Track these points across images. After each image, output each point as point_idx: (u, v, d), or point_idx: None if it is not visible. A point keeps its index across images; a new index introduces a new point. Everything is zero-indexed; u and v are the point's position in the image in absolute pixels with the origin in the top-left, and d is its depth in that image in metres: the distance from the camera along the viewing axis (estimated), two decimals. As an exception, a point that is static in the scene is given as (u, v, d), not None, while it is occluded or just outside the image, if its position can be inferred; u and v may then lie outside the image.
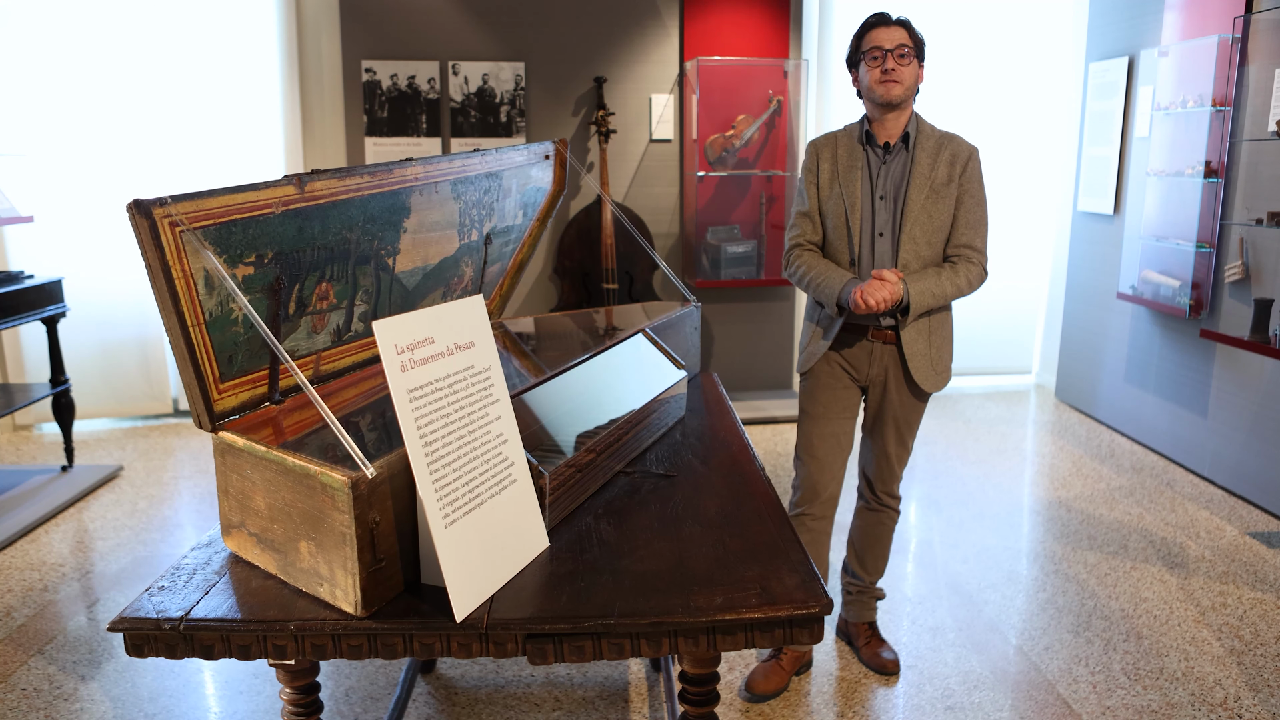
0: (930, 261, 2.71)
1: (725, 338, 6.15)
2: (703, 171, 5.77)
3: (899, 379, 2.80)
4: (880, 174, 2.72)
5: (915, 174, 2.67)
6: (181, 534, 4.16)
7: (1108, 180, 5.56)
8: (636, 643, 1.52)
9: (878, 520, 3.02)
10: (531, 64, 5.78)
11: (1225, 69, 4.43)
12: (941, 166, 2.67)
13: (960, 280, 2.69)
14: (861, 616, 3.14)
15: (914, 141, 2.69)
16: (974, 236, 2.72)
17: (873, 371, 2.81)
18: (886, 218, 2.71)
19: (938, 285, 2.66)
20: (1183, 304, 4.75)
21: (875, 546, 3.05)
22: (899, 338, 2.73)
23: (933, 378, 2.79)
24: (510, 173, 2.48)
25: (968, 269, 2.70)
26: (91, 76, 5.45)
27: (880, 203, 2.71)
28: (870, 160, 2.73)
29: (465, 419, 1.59)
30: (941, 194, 2.67)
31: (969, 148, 2.72)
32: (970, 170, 2.70)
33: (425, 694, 2.91)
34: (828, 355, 2.83)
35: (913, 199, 2.66)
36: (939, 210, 2.68)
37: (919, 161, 2.68)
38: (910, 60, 2.62)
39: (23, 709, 2.82)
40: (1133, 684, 2.94)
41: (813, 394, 2.90)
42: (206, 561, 1.70)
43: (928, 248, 2.69)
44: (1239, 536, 4.06)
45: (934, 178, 2.67)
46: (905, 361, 2.75)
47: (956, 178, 2.68)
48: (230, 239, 1.61)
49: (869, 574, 3.08)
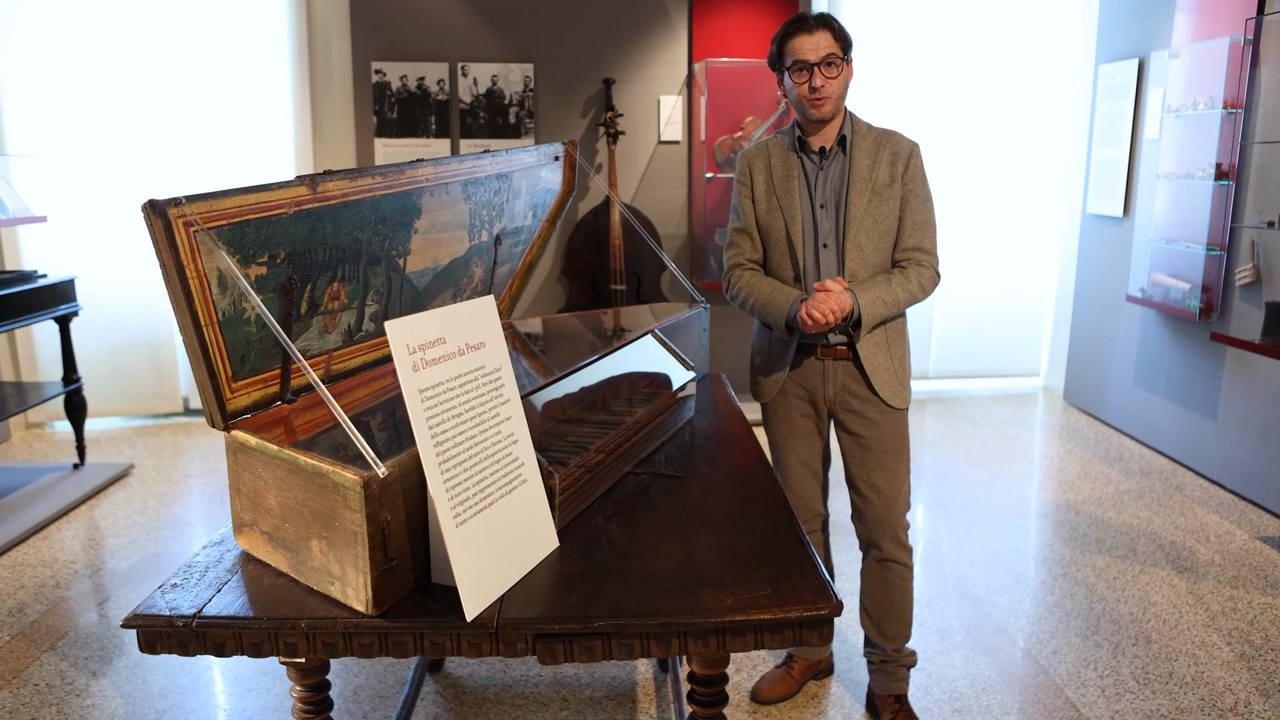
0: (879, 269, 2.53)
1: (733, 340, 6.15)
2: (711, 173, 5.78)
3: (864, 396, 2.58)
4: (818, 181, 2.54)
5: (855, 177, 2.49)
6: (191, 532, 4.17)
7: (1117, 182, 5.55)
8: (646, 643, 1.52)
9: (884, 579, 2.69)
10: (540, 65, 5.79)
11: (1236, 71, 4.42)
12: (882, 167, 2.50)
13: (913, 285, 2.50)
14: (888, 689, 2.76)
15: (850, 143, 2.52)
16: (922, 238, 2.54)
17: (829, 391, 2.61)
18: (829, 227, 2.53)
19: (889, 293, 2.47)
20: (1193, 307, 4.73)
21: (890, 610, 2.70)
22: (855, 353, 2.55)
23: (900, 391, 2.59)
24: (520, 174, 2.48)
25: (919, 273, 2.52)
26: (104, 77, 5.48)
27: (821, 211, 2.53)
28: (806, 167, 2.55)
29: (476, 419, 1.60)
30: (884, 196, 2.50)
31: (909, 144, 2.54)
32: (913, 168, 2.53)
33: (433, 693, 2.92)
34: (784, 382, 2.65)
35: (854, 204, 2.48)
36: (883, 214, 2.50)
37: (857, 164, 2.50)
38: (839, 69, 2.43)
39: (35, 704, 2.84)
40: (1142, 688, 2.93)
41: (773, 424, 2.73)
42: (218, 559, 1.71)
43: (875, 254, 2.52)
44: (1249, 541, 4.04)
45: (875, 179, 2.49)
46: (867, 377, 2.55)
47: (899, 177, 2.51)
48: (243, 239, 1.62)
49: (890, 640, 2.72)
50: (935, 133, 6.24)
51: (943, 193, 6.01)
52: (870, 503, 2.65)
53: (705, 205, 5.86)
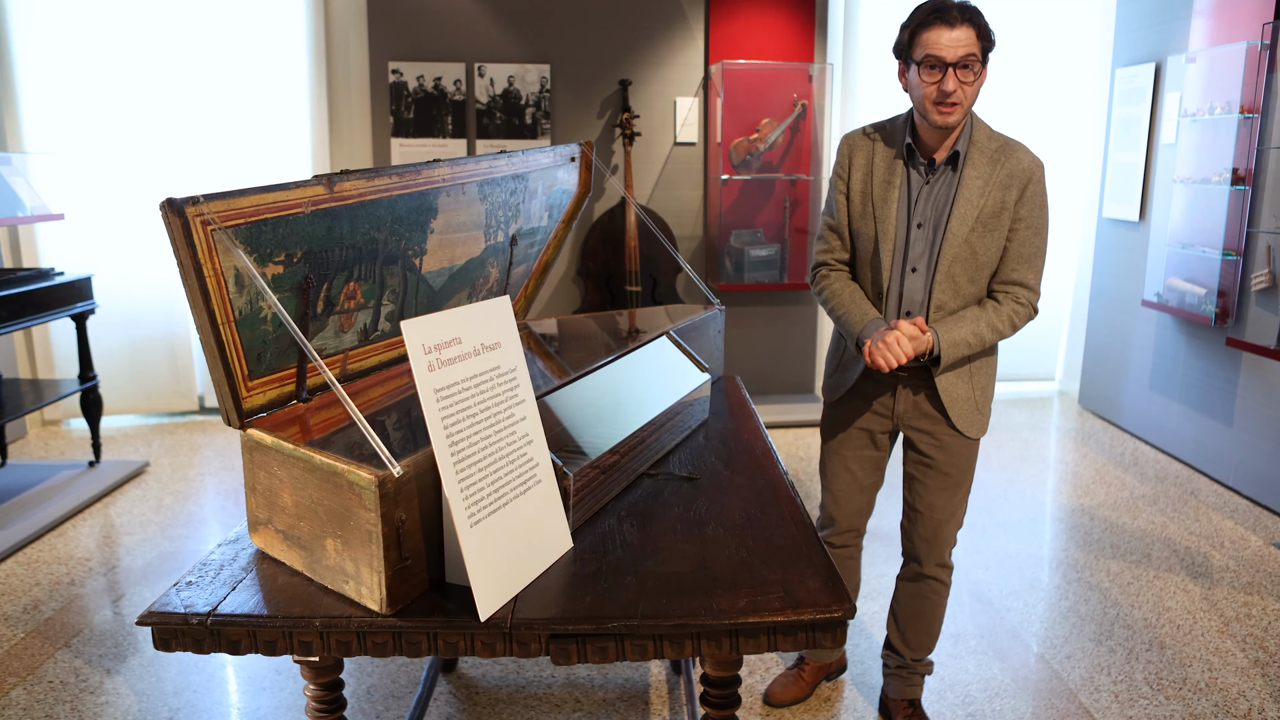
0: (971, 300, 2.31)
1: (748, 341, 6.14)
2: (727, 175, 5.77)
3: (936, 418, 2.41)
4: (921, 197, 2.28)
5: (960, 199, 2.23)
6: (206, 530, 4.19)
7: (1134, 187, 5.52)
8: (660, 644, 1.52)
9: (920, 593, 2.60)
10: (557, 66, 5.80)
11: (1254, 76, 4.39)
12: (994, 190, 2.23)
13: (1002, 324, 2.29)
14: (902, 692, 2.73)
15: (964, 158, 2.25)
16: (1026, 272, 2.29)
17: (900, 408, 2.44)
18: (922, 249, 2.29)
19: (975, 334, 2.26)
20: (1208, 312, 4.71)
21: (918, 620, 2.63)
22: (931, 379, 2.37)
23: (979, 420, 2.42)
24: (536, 174, 2.49)
25: (1014, 310, 2.30)
26: (123, 76, 5.51)
27: (917, 231, 2.28)
28: (911, 179, 2.29)
29: (491, 419, 1.60)
30: (991, 226, 2.25)
31: (1030, 165, 2.25)
32: (1030, 194, 2.25)
33: (446, 693, 2.92)
34: (852, 389, 2.50)
35: (954, 231, 2.24)
36: (986, 245, 2.26)
37: (968, 184, 2.24)
38: (976, 74, 2.13)
39: (49, 701, 2.86)
40: (1155, 694, 2.91)
41: (830, 420, 2.60)
42: (233, 557, 1.72)
43: (970, 285, 2.29)
44: (1264, 547, 4.02)
45: (984, 205, 2.24)
46: (945, 408, 2.38)
47: (1011, 204, 2.24)
48: (260, 238, 1.63)
49: (911, 649, 2.66)
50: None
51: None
52: (924, 520, 2.52)
53: (721, 207, 5.86)
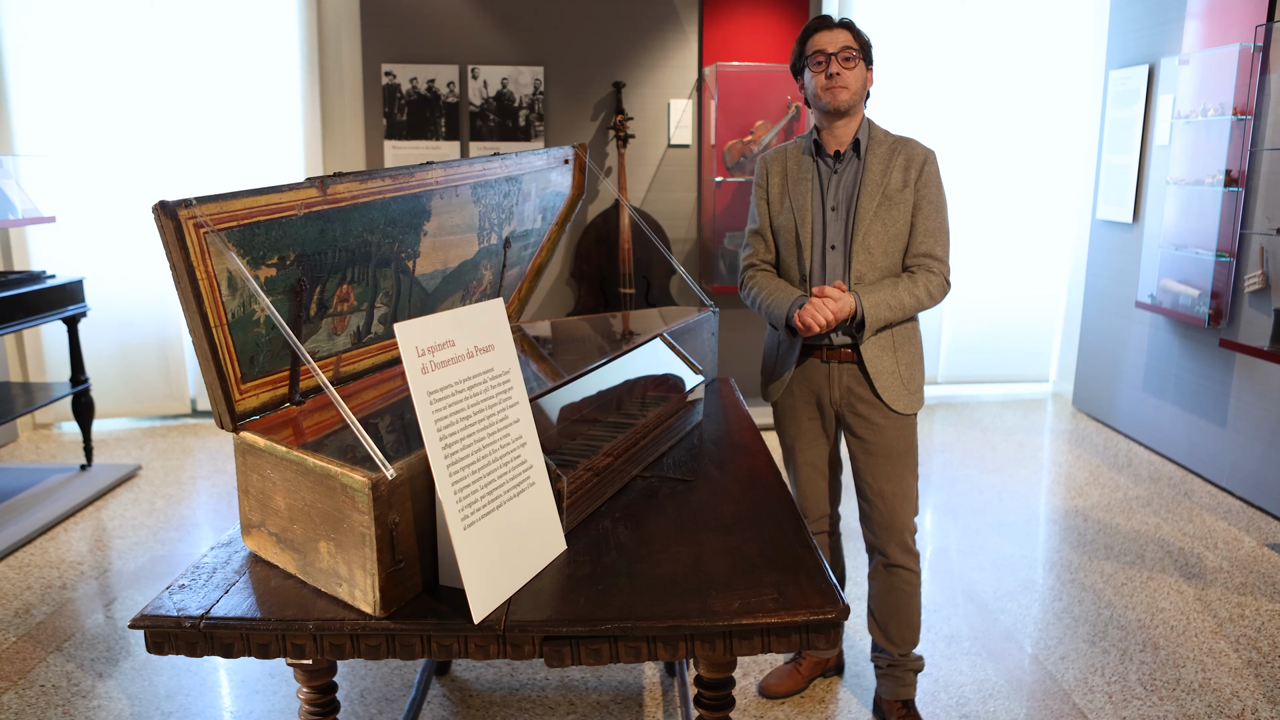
0: (887, 273, 2.53)
1: (742, 343, 6.14)
2: (721, 177, 5.78)
3: (869, 400, 2.57)
4: (830, 184, 2.55)
5: (866, 181, 2.50)
6: (199, 533, 4.18)
7: (1127, 188, 5.53)
8: (654, 646, 1.52)
9: (891, 585, 2.69)
10: (551, 68, 5.80)
11: (1247, 77, 4.41)
12: (895, 172, 2.50)
13: (920, 291, 2.49)
14: (895, 693, 2.76)
15: (865, 148, 2.53)
16: (933, 245, 2.53)
17: (834, 394, 2.61)
18: (838, 229, 2.54)
19: (894, 297, 2.47)
20: (1202, 313, 4.72)
21: (896, 615, 2.70)
22: (859, 355, 2.54)
23: (905, 396, 2.57)
24: (530, 177, 2.49)
25: (928, 279, 2.51)
26: (114, 78, 5.50)
27: (831, 214, 2.54)
28: (820, 170, 2.57)
29: (485, 421, 1.60)
30: (896, 200, 2.50)
31: (924, 151, 2.54)
32: (927, 174, 2.52)
33: (440, 696, 2.92)
34: (791, 382, 2.67)
35: (864, 207, 2.49)
36: (894, 218, 2.50)
37: (870, 168, 2.51)
38: (856, 63, 2.46)
39: (41, 706, 2.85)
40: (1149, 694, 2.92)
41: (782, 424, 2.75)
42: (226, 560, 1.71)
43: (884, 258, 2.51)
44: (1257, 548, 4.03)
45: (887, 184, 2.50)
46: (871, 380, 2.54)
47: (912, 183, 2.51)
48: (253, 240, 1.62)
49: (896, 645, 2.72)
50: (946, 138, 6.23)
51: (953, 198, 5.99)
52: (876, 507, 2.65)
53: (715, 209, 5.86)
